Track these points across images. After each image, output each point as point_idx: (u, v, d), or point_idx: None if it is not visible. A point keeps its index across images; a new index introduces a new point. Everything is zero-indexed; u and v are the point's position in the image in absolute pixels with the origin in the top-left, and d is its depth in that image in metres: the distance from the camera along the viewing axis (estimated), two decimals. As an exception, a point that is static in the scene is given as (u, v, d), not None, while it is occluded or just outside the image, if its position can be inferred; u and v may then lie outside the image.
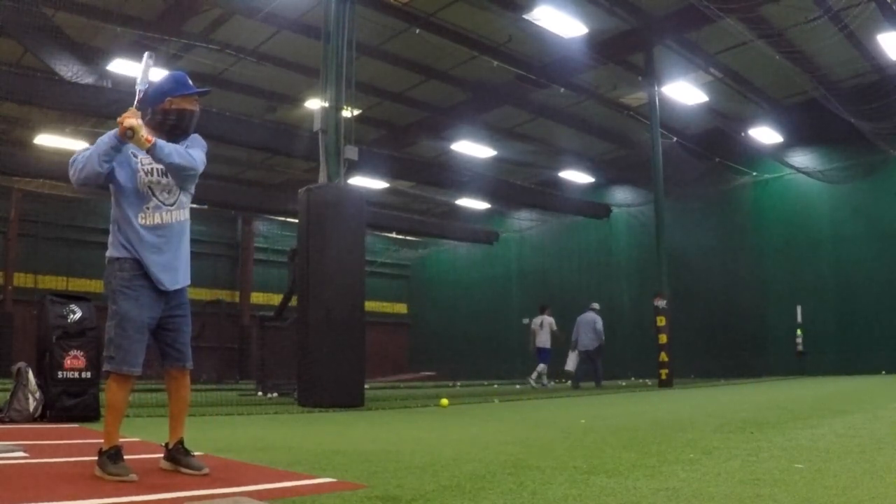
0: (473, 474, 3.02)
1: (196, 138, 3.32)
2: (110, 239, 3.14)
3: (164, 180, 3.15)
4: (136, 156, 3.12)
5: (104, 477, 2.90)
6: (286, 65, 15.96)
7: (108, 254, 3.12)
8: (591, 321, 15.17)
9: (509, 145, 21.56)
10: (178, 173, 3.14)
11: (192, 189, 3.30)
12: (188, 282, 3.26)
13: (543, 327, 15.30)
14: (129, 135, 2.96)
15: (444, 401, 8.70)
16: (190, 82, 3.26)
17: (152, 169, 3.12)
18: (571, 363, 15.19)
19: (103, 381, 3.58)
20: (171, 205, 3.17)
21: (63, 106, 12.54)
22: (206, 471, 3.07)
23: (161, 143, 3.05)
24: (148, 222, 3.10)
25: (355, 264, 8.75)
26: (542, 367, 15.08)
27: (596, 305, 15.61)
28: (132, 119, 2.98)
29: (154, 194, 3.12)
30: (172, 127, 3.19)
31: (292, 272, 10.54)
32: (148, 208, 3.11)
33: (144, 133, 2.99)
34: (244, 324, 25.93)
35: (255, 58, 15.47)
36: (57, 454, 3.76)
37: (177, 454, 3.16)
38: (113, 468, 2.91)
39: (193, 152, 3.19)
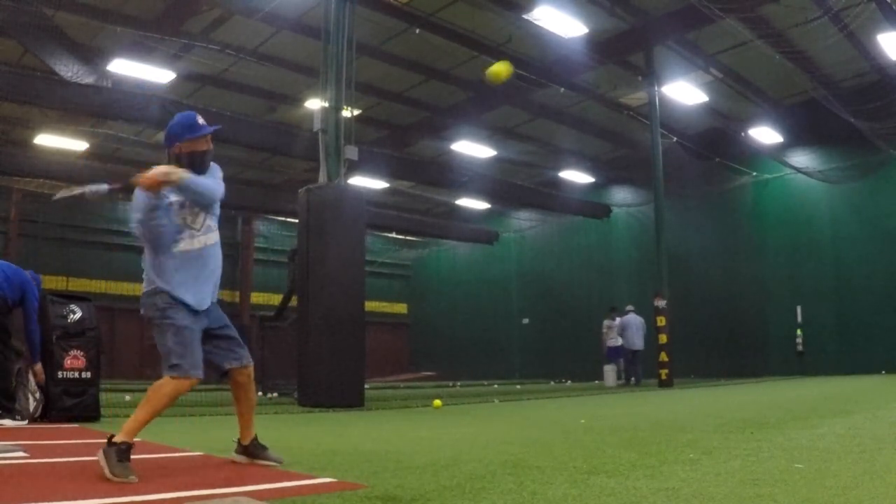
0: (473, 474, 3.02)
1: (213, 167, 3.47)
2: (148, 270, 3.30)
3: (194, 208, 3.35)
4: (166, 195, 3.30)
5: (104, 470, 2.89)
6: (286, 65, 15.94)
7: (148, 287, 3.27)
8: (639, 323, 16.30)
9: (509, 145, 21.55)
10: (197, 202, 3.32)
11: (217, 210, 3.47)
12: (216, 297, 3.47)
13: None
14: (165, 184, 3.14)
15: (438, 402, 8.67)
16: (200, 121, 3.37)
17: (183, 202, 3.31)
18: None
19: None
20: (198, 229, 3.34)
21: (63, 106, 12.52)
22: (283, 461, 3.42)
23: (186, 179, 3.22)
24: (182, 248, 3.29)
25: (355, 264, 8.75)
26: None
27: (632, 308, 16.75)
28: (170, 174, 3.13)
29: (187, 224, 3.32)
30: (188, 168, 3.32)
31: (292, 272, 10.53)
32: (182, 237, 3.30)
33: (172, 175, 3.15)
34: (244, 324, 25.92)
35: (255, 58, 15.45)
36: (57, 454, 3.76)
37: (255, 449, 3.47)
38: (118, 467, 2.90)
39: (209, 182, 3.35)
